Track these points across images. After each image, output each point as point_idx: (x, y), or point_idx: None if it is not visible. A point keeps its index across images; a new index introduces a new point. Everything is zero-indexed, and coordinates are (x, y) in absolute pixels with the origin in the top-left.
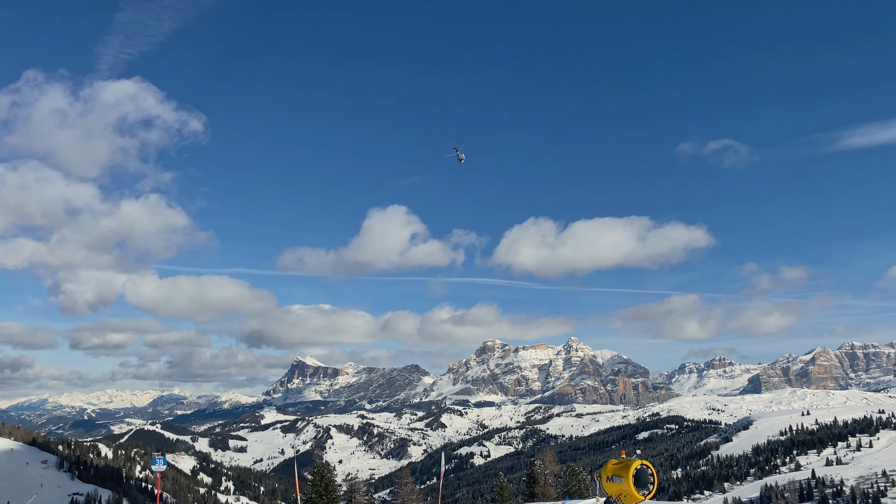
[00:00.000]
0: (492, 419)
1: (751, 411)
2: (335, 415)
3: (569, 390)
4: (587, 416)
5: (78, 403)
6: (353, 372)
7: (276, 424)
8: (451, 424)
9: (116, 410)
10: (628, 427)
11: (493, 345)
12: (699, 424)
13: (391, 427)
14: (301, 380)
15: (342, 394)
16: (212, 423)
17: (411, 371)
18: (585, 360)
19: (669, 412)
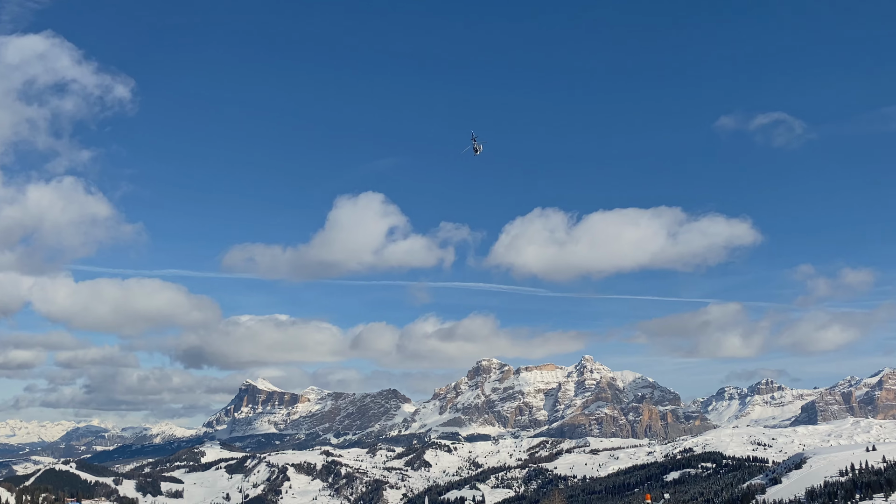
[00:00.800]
0: (487, 456)
1: (804, 446)
2: (293, 451)
3: (582, 421)
4: (604, 453)
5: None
6: (315, 398)
7: (221, 463)
8: (436, 463)
9: (20, 446)
10: (655, 466)
11: (489, 365)
12: (741, 463)
13: (363, 466)
14: (251, 408)
15: (302, 425)
16: (140, 462)
17: (388, 397)
18: (602, 384)
19: (705, 447)
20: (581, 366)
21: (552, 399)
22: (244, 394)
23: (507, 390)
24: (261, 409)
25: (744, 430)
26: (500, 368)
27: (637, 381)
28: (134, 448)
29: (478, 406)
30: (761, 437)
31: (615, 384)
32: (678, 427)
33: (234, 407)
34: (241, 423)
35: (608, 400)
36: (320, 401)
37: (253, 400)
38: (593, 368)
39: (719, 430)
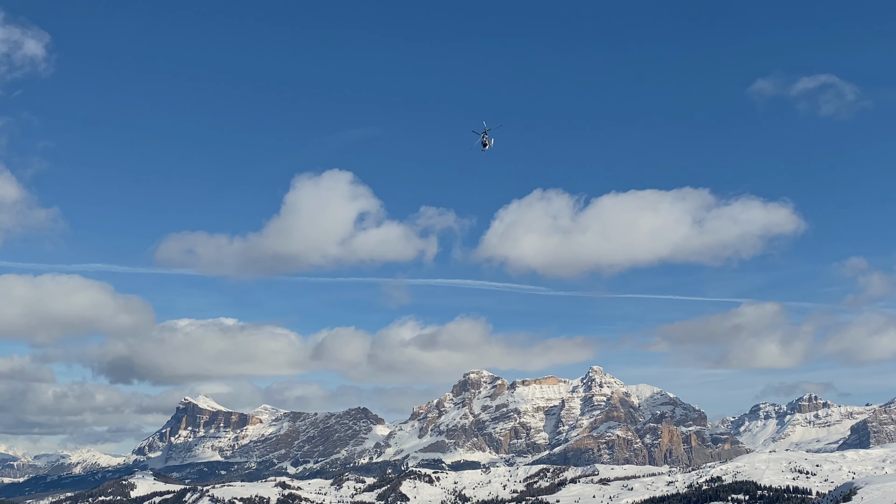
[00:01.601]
0: (476, 487)
1: (854, 474)
2: (242, 483)
3: (590, 444)
4: (616, 483)
5: None
6: (269, 419)
7: (154, 497)
8: (415, 496)
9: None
10: (676, 498)
11: (478, 378)
12: (780, 494)
13: (327, 501)
14: (191, 431)
15: (253, 451)
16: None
17: (357, 417)
18: (614, 401)
19: (736, 476)
20: (588, 379)
21: (554, 419)
22: (182, 414)
23: (501, 409)
24: (203, 432)
25: (782, 456)
26: (492, 382)
27: (655, 397)
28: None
29: (465, 427)
30: (803, 463)
31: (629, 401)
32: (704, 452)
33: (170, 430)
34: (179, 450)
35: (621, 419)
36: (275, 422)
37: (193, 422)
38: (603, 382)
39: (753, 456)
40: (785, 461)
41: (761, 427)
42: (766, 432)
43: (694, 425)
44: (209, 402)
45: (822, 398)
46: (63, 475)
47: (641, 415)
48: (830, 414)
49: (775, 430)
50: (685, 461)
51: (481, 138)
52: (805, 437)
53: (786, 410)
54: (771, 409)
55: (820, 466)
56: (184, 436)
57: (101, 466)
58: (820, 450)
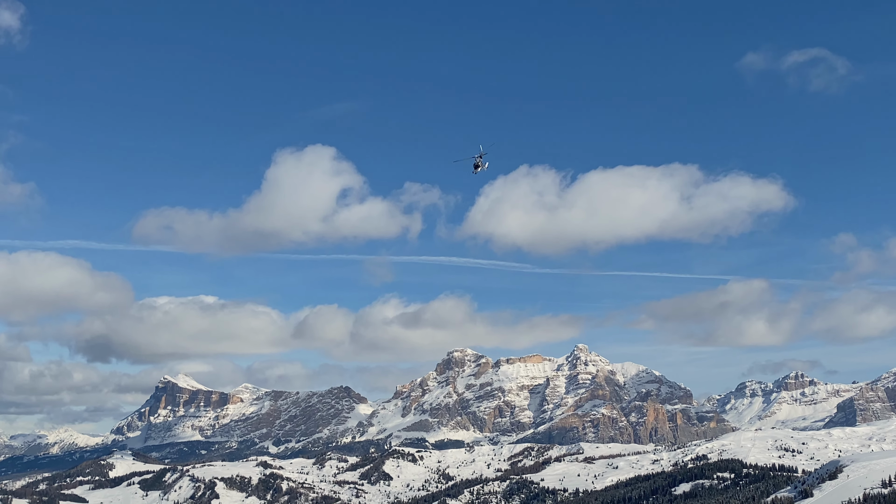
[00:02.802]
0: (460, 466)
1: (841, 452)
2: (223, 462)
3: (574, 423)
4: (601, 461)
5: None
6: (250, 398)
7: (133, 478)
8: (398, 475)
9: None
10: (661, 477)
11: (462, 357)
12: (765, 472)
13: (309, 480)
14: (171, 410)
15: (234, 431)
16: (33, 477)
17: (339, 396)
18: (599, 379)
19: (722, 454)
20: (574, 357)
21: (539, 397)
22: (162, 393)
23: (485, 387)
24: (182, 411)
25: (768, 434)
26: (477, 361)
27: (641, 375)
28: (26, 460)
29: (449, 406)
30: (789, 441)
31: (614, 379)
32: (690, 430)
33: (149, 409)
34: (159, 429)
35: (606, 398)
36: (256, 401)
37: (173, 401)
38: (588, 360)
39: (739, 434)
40: (771, 439)
41: (747, 405)
42: (752, 410)
43: (680, 403)
44: (189, 381)
45: (808, 376)
46: (40, 455)
47: (627, 393)
48: (817, 392)
49: (761, 408)
50: (671, 439)
51: (475, 160)
52: (791, 415)
53: (772, 388)
54: (757, 387)
55: (806, 444)
56: (163, 415)
57: (78, 446)
58: (806, 428)
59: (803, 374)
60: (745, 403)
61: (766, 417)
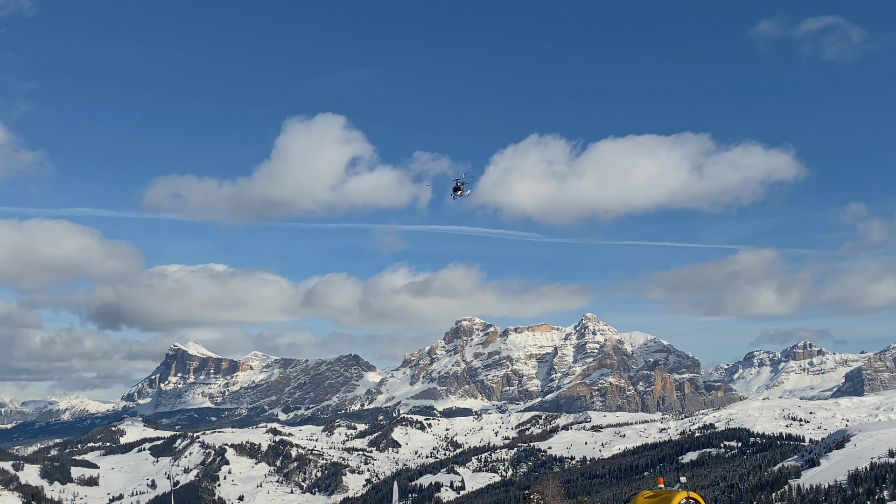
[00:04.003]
0: (468, 434)
1: (848, 422)
2: (233, 429)
3: (582, 391)
4: (608, 430)
5: None
6: (259, 366)
7: (144, 444)
8: (407, 442)
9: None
10: (669, 445)
11: (470, 325)
12: (772, 441)
13: (318, 447)
14: (181, 377)
15: (244, 398)
16: (45, 443)
17: (348, 364)
18: (607, 348)
19: (729, 423)
20: (582, 326)
21: (546, 366)
22: (172, 360)
23: (493, 356)
24: (192, 378)
25: (776, 403)
26: (485, 330)
27: (649, 345)
28: (37, 426)
29: (457, 375)
30: (797, 410)
31: (622, 348)
32: (697, 399)
33: (159, 376)
34: (169, 396)
35: (614, 367)
36: (265, 369)
37: (183, 368)
38: (596, 329)
39: (746, 403)
40: (778, 408)
41: (755, 374)
42: (759, 380)
43: (687, 373)
44: (199, 349)
45: (817, 346)
46: (51, 421)
47: (634, 362)
48: (825, 361)
49: (769, 377)
50: (678, 408)
51: (456, 184)
52: (799, 385)
53: (780, 358)
54: (765, 357)
55: (813, 414)
56: (173, 382)
57: (89, 413)
58: (814, 397)
59: (812, 343)
60: (753, 373)
61: (774, 387)
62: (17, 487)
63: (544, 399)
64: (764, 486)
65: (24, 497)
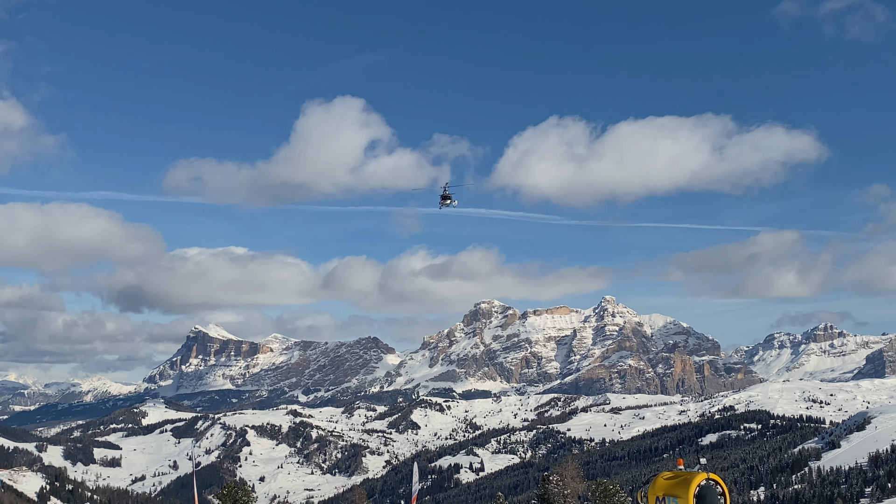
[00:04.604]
0: (487, 416)
1: (869, 404)
2: (254, 411)
3: (601, 374)
4: (627, 412)
5: None
6: (280, 348)
7: (166, 425)
8: (426, 424)
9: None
10: (688, 427)
11: (489, 308)
12: (793, 423)
13: (338, 428)
14: (202, 360)
15: (264, 380)
16: (68, 424)
17: (368, 346)
18: (626, 331)
19: (749, 405)
20: (601, 309)
21: (565, 348)
22: (193, 343)
23: (512, 338)
24: (213, 360)
25: (796, 385)
26: (504, 312)
27: (668, 327)
28: (60, 408)
29: (476, 357)
30: (817, 392)
31: (642, 330)
32: (717, 381)
33: (180, 358)
34: (190, 378)
35: (633, 349)
36: (286, 351)
37: (204, 350)
38: (616, 312)
39: (767, 385)
40: (799, 390)
41: (775, 356)
42: (780, 362)
43: (707, 355)
44: (220, 331)
45: (838, 328)
46: (74, 403)
47: (654, 344)
48: (846, 343)
49: (790, 359)
50: (698, 391)
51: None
52: (820, 367)
53: (801, 340)
54: (786, 339)
55: (834, 396)
56: (194, 364)
57: (111, 394)
58: (834, 379)
59: (832, 325)
60: (774, 355)
61: (795, 369)
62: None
63: (563, 381)
64: (784, 467)
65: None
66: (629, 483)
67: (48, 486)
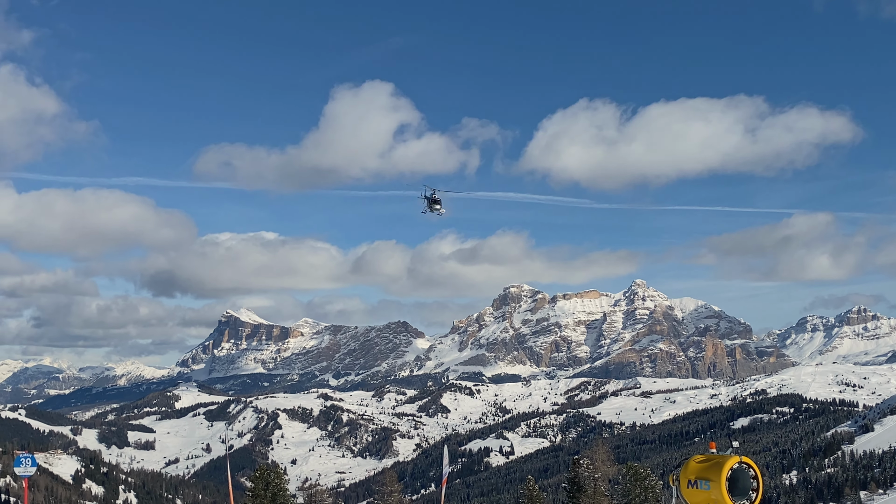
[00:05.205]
0: (517, 400)
1: None
2: (285, 394)
3: (631, 358)
4: (658, 396)
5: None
6: (310, 332)
7: (199, 408)
8: (456, 408)
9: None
10: (720, 411)
11: (519, 292)
12: (825, 407)
13: (368, 412)
14: (234, 344)
15: (295, 364)
16: (102, 408)
17: (398, 331)
18: (657, 314)
19: (781, 389)
20: (631, 292)
21: (595, 332)
22: (225, 327)
23: (541, 322)
24: (245, 344)
25: (829, 368)
26: (533, 296)
27: (699, 311)
28: (94, 391)
29: (505, 341)
30: (850, 376)
31: (673, 314)
32: (749, 365)
33: (212, 343)
34: (222, 362)
35: (664, 333)
36: (316, 335)
37: (235, 334)
38: (646, 295)
39: (799, 369)
40: (831, 374)
41: (808, 340)
42: (812, 345)
43: (739, 338)
44: (251, 316)
45: (871, 310)
46: (108, 387)
47: (685, 328)
48: (880, 326)
49: (822, 342)
50: (729, 374)
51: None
52: (853, 350)
53: (834, 323)
54: (818, 322)
55: (867, 379)
56: (226, 348)
57: (145, 378)
58: (868, 362)
59: (866, 308)
60: (806, 338)
61: (827, 352)
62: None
63: (593, 365)
64: (817, 451)
65: (83, 461)
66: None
67: (83, 468)
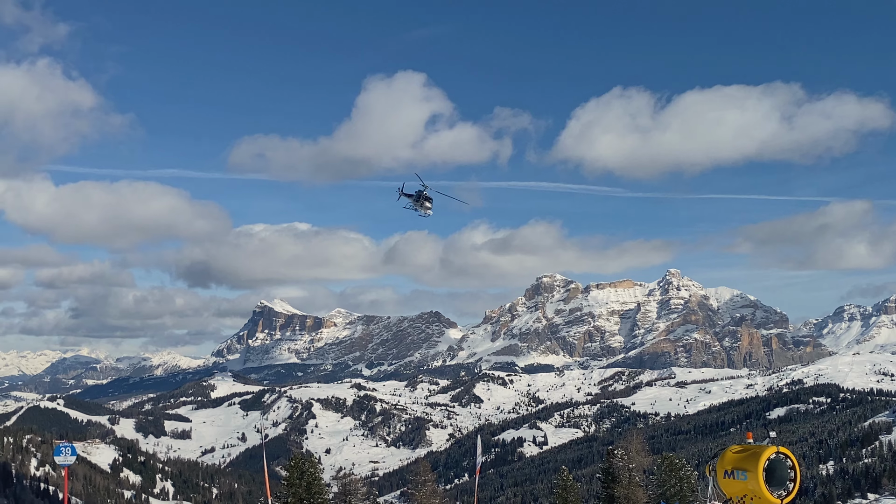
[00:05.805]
0: (550, 390)
1: None
2: (319, 384)
3: (666, 348)
4: (693, 386)
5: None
6: (343, 322)
7: (234, 398)
8: (489, 398)
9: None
10: (756, 401)
11: (552, 282)
12: (863, 397)
13: (401, 402)
14: (268, 334)
15: (328, 354)
16: (139, 398)
17: (430, 321)
18: (692, 304)
19: (818, 379)
20: (666, 282)
21: (629, 322)
22: (259, 317)
23: (574, 312)
24: (279, 335)
25: (866, 358)
26: (566, 286)
27: (735, 300)
28: (131, 381)
29: (538, 331)
30: (888, 365)
31: (708, 304)
32: (785, 355)
33: (247, 333)
34: (257, 352)
35: (699, 323)
36: (349, 325)
37: (269, 324)
38: (681, 285)
39: (836, 358)
40: (869, 363)
41: (845, 329)
42: (850, 334)
43: (775, 328)
44: (285, 306)
45: None
46: (145, 377)
47: (720, 318)
48: None
49: (860, 332)
50: (765, 364)
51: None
52: (891, 339)
53: (871, 312)
54: (856, 311)
55: None
56: (261, 338)
57: (181, 368)
58: None
59: None
60: (843, 328)
61: (865, 342)
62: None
63: (627, 355)
64: (854, 441)
65: (120, 450)
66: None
67: (121, 457)
